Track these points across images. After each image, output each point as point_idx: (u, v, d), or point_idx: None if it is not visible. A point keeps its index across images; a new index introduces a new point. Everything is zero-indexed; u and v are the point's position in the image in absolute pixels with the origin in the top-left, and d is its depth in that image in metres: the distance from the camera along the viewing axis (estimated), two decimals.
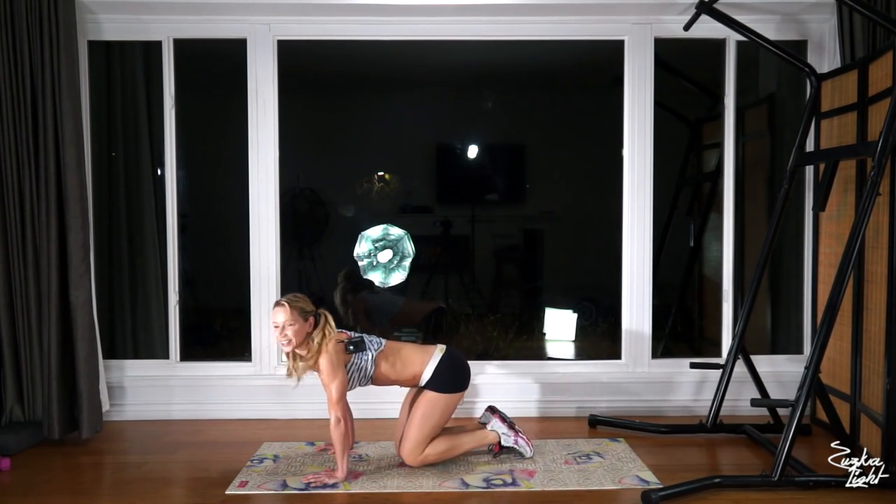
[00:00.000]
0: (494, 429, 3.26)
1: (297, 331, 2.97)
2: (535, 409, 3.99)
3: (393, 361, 3.12)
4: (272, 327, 3.02)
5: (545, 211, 7.22)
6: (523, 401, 3.99)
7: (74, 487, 3.04)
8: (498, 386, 3.99)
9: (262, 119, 3.95)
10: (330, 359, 2.99)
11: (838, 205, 3.59)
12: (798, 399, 2.92)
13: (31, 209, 3.54)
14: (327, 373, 2.99)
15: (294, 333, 2.97)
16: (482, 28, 3.95)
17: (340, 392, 3.00)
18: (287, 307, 2.97)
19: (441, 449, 3.14)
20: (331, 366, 2.98)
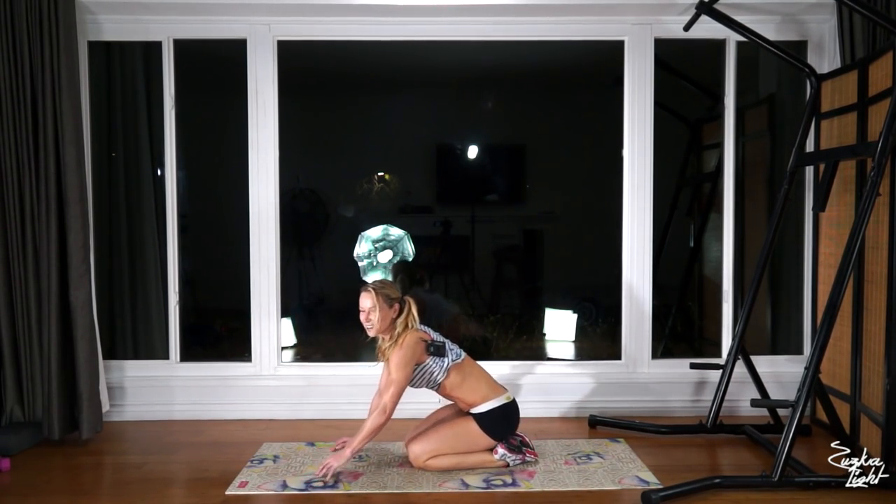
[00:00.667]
0: (503, 458, 3.17)
1: (382, 316, 3.04)
2: (535, 409, 3.99)
3: (462, 379, 3.13)
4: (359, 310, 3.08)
5: (545, 211, 7.22)
6: (523, 401, 3.97)
7: (74, 488, 3.04)
8: None
9: (262, 119, 3.95)
10: (404, 353, 3.02)
11: (838, 205, 3.59)
12: (798, 399, 2.92)
13: (31, 209, 3.54)
14: (396, 365, 3.01)
15: (378, 319, 3.03)
16: (482, 28, 3.96)
17: (400, 387, 3.02)
18: (372, 293, 3.05)
19: (446, 464, 3.13)
20: (403, 360, 3.02)
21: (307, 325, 6.26)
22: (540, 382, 4.01)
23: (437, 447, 3.10)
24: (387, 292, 3.08)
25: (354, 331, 3.32)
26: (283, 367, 4.05)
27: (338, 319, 6.41)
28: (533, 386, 4.01)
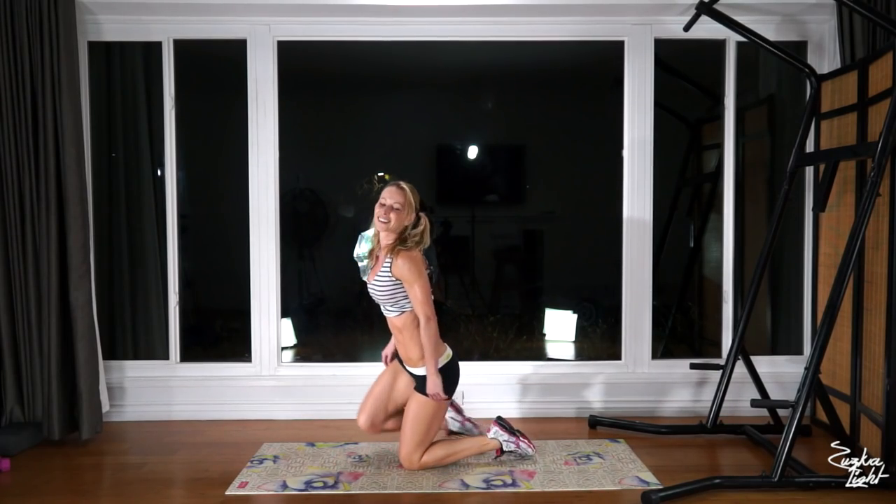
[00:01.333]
0: (496, 437, 3.23)
1: (400, 218, 2.98)
2: (536, 409, 3.99)
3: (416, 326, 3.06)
4: (378, 203, 3.00)
5: (545, 211, 7.22)
6: (523, 401, 3.99)
7: (74, 488, 3.04)
8: (498, 387, 3.99)
9: (262, 119, 3.95)
10: (417, 265, 2.96)
11: (838, 205, 3.59)
12: (798, 400, 2.92)
13: (31, 209, 3.54)
14: (411, 271, 2.94)
15: (396, 218, 2.97)
16: (482, 28, 3.95)
17: (426, 291, 2.99)
18: (406, 191, 3.00)
19: (440, 455, 3.13)
20: (417, 269, 2.96)
21: (307, 325, 6.25)
22: (540, 383, 4.01)
23: (415, 440, 3.07)
24: (416, 198, 3.02)
25: (354, 331, 3.32)
26: (283, 368, 4.05)
27: (338, 319, 6.41)
28: (533, 386, 4.01)
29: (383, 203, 3.00)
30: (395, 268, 2.96)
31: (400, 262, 2.95)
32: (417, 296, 2.96)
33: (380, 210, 3.00)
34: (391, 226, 2.98)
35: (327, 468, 3.18)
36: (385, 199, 3.00)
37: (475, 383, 3.95)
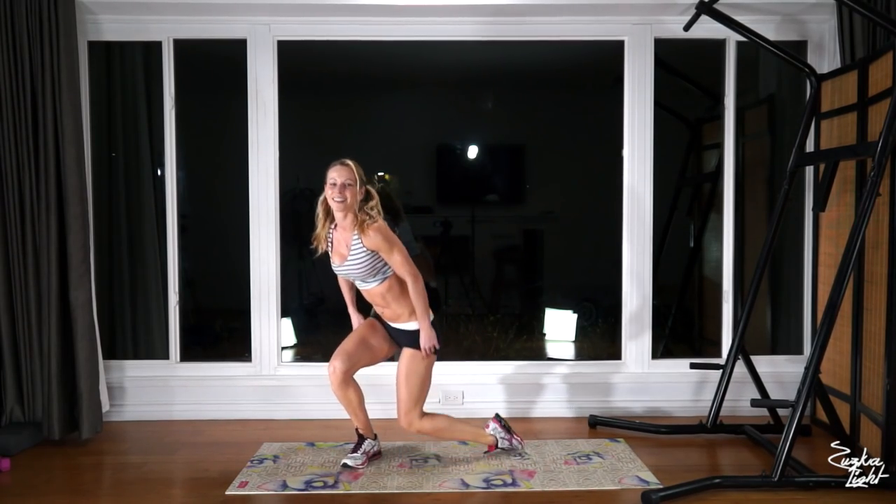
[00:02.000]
0: (493, 433, 3.28)
1: (353, 192, 3.00)
2: (536, 409, 3.99)
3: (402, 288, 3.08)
4: (328, 185, 3.01)
5: (545, 211, 7.22)
6: (523, 401, 3.99)
7: (74, 488, 3.04)
8: (498, 386, 3.99)
9: (262, 119, 3.95)
10: (384, 227, 3.00)
11: (838, 205, 3.59)
12: (798, 399, 2.92)
13: (31, 209, 3.54)
14: (385, 239, 2.98)
15: (350, 194, 2.99)
16: (482, 28, 3.95)
17: (404, 252, 3.02)
18: (352, 166, 3.02)
19: (440, 425, 3.17)
20: (387, 232, 3.01)
21: (307, 325, 6.25)
22: (540, 382, 4.01)
23: (411, 396, 3.08)
24: (361, 171, 3.04)
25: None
26: (283, 367, 4.05)
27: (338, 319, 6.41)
28: (533, 386, 4.01)
29: (334, 183, 3.00)
30: (369, 241, 2.98)
31: (372, 234, 2.97)
32: (399, 260, 3.01)
33: (332, 191, 3.00)
34: (347, 203, 3.00)
35: (327, 468, 3.18)
36: (335, 179, 3.01)
37: (475, 383, 3.96)
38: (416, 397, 3.09)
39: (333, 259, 3.11)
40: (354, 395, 3.16)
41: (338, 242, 3.09)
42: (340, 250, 3.07)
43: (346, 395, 3.14)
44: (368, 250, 3.00)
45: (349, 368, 3.11)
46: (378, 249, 2.99)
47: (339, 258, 3.08)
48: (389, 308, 3.12)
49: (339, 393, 3.13)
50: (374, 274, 3.05)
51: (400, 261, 3.00)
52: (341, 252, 3.06)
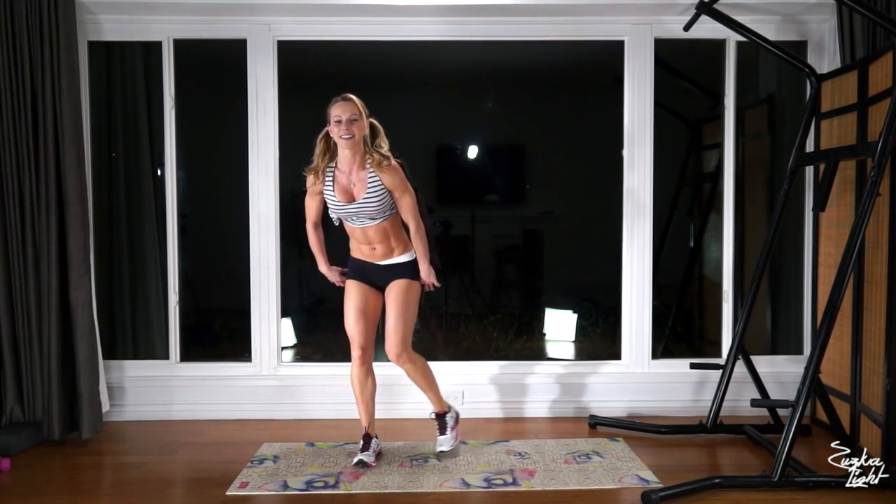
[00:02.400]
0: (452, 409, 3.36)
1: (360, 127, 3.02)
2: (535, 409, 3.99)
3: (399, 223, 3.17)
4: (332, 123, 3.03)
5: (545, 211, 7.21)
6: (523, 401, 3.99)
7: (74, 488, 3.04)
8: (498, 386, 3.99)
9: (262, 119, 3.95)
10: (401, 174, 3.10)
11: (838, 205, 3.59)
12: (798, 399, 2.92)
13: (31, 209, 3.54)
14: (403, 180, 3.08)
15: (357, 129, 3.01)
16: (482, 28, 3.95)
17: (414, 195, 3.12)
18: (355, 100, 3.05)
19: (422, 365, 3.22)
20: (403, 178, 3.09)
21: (307, 325, 6.25)
22: (540, 382, 4.01)
23: (405, 325, 3.12)
24: (363, 105, 3.06)
25: None
26: (283, 367, 4.05)
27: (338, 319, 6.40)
28: (533, 386, 4.00)
29: (339, 120, 3.01)
30: (387, 179, 3.04)
31: (391, 175, 3.05)
32: (410, 203, 3.10)
33: (339, 128, 3.01)
34: (355, 139, 3.01)
35: (328, 468, 3.18)
36: (340, 115, 3.01)
37: (475, 383, 3.96)
38: (406, 328, 3.13)
39: (338, 198, 3.07)
40: (372, 384, 3.23)
41: (344, 180, 3.08)
42: (349, 189, 3.07)
43: (366, 384, 3.20)
44: (385, 188, 3.03)
45: (370, 347, 3.18)
46: (394, 189, 3.06)
47: (346, 196, 3.07)
48: (385, 244, 3.13)
49: (361, 381, 3.18)
50: (384, 211, 3.09)
51: (410, 203, 3.10)
52: (350, 190, 3.06)
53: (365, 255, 3.19)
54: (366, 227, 3.11)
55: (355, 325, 3.17)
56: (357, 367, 3.17)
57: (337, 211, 3.11)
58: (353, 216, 3.10)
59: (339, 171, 3.09)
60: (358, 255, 3.22)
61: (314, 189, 3.15)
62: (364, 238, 3.15)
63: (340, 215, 3.13)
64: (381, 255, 3.16)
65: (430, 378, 3.28)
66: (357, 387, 3.21)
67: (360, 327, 3.17)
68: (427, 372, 3.26)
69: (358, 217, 3.09)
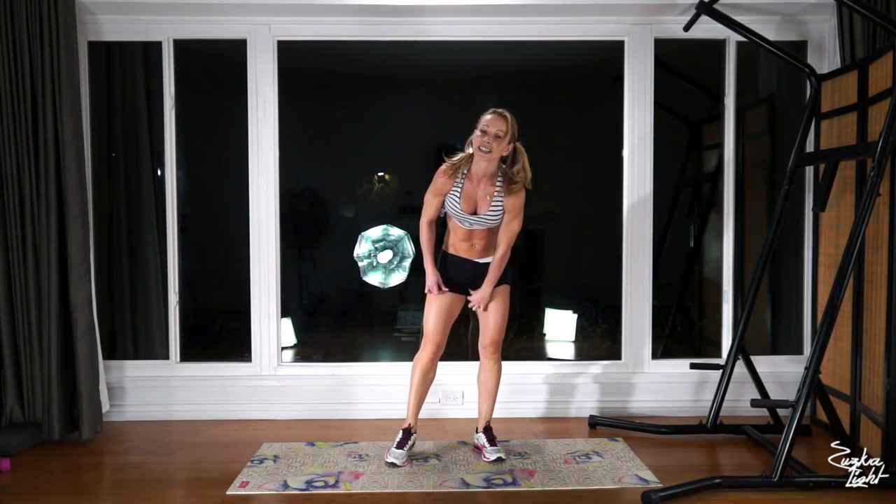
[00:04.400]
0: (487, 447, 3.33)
1: (501, 146, 3.07)
2: (536, 409, 3.99)
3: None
4: (479, 131, 3.08)
5: (545, 211, 7.21)
6: (523, 401, 3.99)
7: (74, 488, 3.04)
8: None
9: (262, 119, 3.95)
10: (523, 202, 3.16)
11: (838, 205, 3.59)
12: (798, 399, 2.92)
13: (31, 209, 3.54)
14: (522, 208, 3.15)
15: (497, 146, 3.05)
16: (482, 28, 3.95)
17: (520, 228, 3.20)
18: (508, 119, 3.09)
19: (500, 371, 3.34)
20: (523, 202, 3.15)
21: (307, 325, 6.26)
22: (540, 382, 4.01)
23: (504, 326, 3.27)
24: (516, 128, 3.11)
25: (355, 331, 3.32)
26: (283, 368, 4.05)
27: (338, 319, 6.41)
28: (533, 386, 4.00)
29: (485, 130, 3.06)
30: (509, 202, 3.11)
31: (515, 199, 3.11)
32: (515, 230, 3.17)
33: (482, 139, 3.06)
34: (493, 154, 3.06)
35: (328, 468, 3.18)
36: (487, 127, 3.07)
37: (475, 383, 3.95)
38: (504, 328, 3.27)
39: (461, 206, 3.13)
40: (433, 378, 3.29)
41: (471, 190, 3.13)
42: (476, 199, 3.13)
43: (429, 375, 3.26)
44: (504, 209, 3.11)
45: (444, 344, 3.25)
46: (510, 211, 3.12)
47: (469, 206, 3.13)
48: (484, 241, 3.19)
49: (426, 372, 3.24)
50: (497, 225, 3.15)
51: (516, 229, 3.16)
52: (475, 202, 3.12)
53: (461, 251, 3.22)
54: (479, 229, 3.17)
55: (436, 325, 3.22)
56: (427, 360, 3.23)
57: (454, 215, 3.16)
58: (467, 223, 3.16)
59: (469, 181, 3.14)
60: (454, 251, 3.25)
61: (442, 188, 3.18)
62: (467, 236, 3.19)
63: (457, 218, 3.17)
64: (479, 252, 3.20)
65: (498, 389, 3.34)
66: (420, 378, 3.24)
67: (440, 328, 3.23)
68: (499, 381, 3.33)
69: (471, 224, 3.16)
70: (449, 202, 3.16)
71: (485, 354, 3.30)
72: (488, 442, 3.27)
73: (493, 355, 3.29)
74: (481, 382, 3.35)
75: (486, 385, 3.33)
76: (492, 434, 3.31)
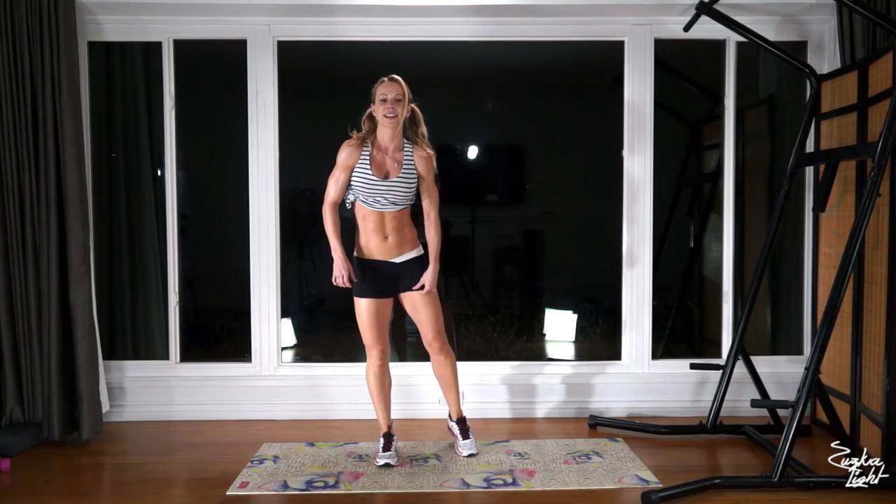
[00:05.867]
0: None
1: (403, 108, 3.10)
2: (536, 409, 3.99)
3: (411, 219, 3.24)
4: (377, 102, 3.10)
5: (545, 211, 7.21)
6: (523, 401, 3.99)
7: (74, 488, 3.04)
8: (498, 387, 3.99)
9: (262, 119, 3.95)
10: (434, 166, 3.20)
11: (838, 206, 3.59)
12: (798, 400, 2.92)
13: (31, 209, 3.54)
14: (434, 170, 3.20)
15: (401, 110, 3.08)
16: (482, 29, 3.95)
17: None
18: (400, 81, 3.12)
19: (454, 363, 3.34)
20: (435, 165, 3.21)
21: (307, 325, 6.25)
22: (540, 383, 4.01)
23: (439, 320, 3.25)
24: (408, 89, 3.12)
25: (355, 331, 3.32)
26: (283, 368, 4.05)
27: (338, 320, 6.41)
28: (533, 386, 4.00)
29: (384, 98, 3.08)
30: (421, 162, 3.15)
31: (427, 162, 3.16)
32: (436, 196, 3.19)
33: (384, 107, 3.08)
34: (398, 118, 3.09)
35: (328, 468, 3.18)
36: (385, 94, 3.09)
37: (475, 383, 3.95)
38: (442, 319, 3.26)
39: (373, 172, 3.11)
40: (389, 382, 3.31)
41: (381, 158, 3.14)
42: (386, 167, 3.13)
43: (384, 381, 3.28)
44: (416, 172, 3.12)
45: (387, 346, 3.26)
46: (426, 175, 3.14)
47: (381, 173, 3.12)
48: (397, 234, 3.15)
49: (380, 379, 3.26)
50: (409, 198, 3.16)
51: (436, 195, 3.21)
52: (386, 169, 3.13)
53: (375, 252, 3.17)
54: (385, 213, 3.13)
55: (371, 331, 3.21)
56: (377, 367, 3.24)
57: (365, 188, 3.11)
58: (380, 196, 3.10)
59: (377, 150, 3.15)
60: (367, 255, 3.20)
61: (347, 161, 3.16)
62: (378, 225, 3.14)
63: (366, 194, 3.12)
64: (393, 247, 3.16)
65: (457, 377, 3.35)
66: (376, 385, 3.26)
67: (377, 333, 3.22)
68: (456, 370, 3.34)
69: (384, 198, 3.10)
70: (358, 177, 3.12)
71: (431, 352, 3.29)
72: (461, 434, 3.31)
73: (439, 352, 3.27)
74: (438, 377, 3.35)
75: (443, 377, 3.33)
76: (465, 426, 3.33)
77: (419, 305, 3.21)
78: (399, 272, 3.19)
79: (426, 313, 3.22)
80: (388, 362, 3.29)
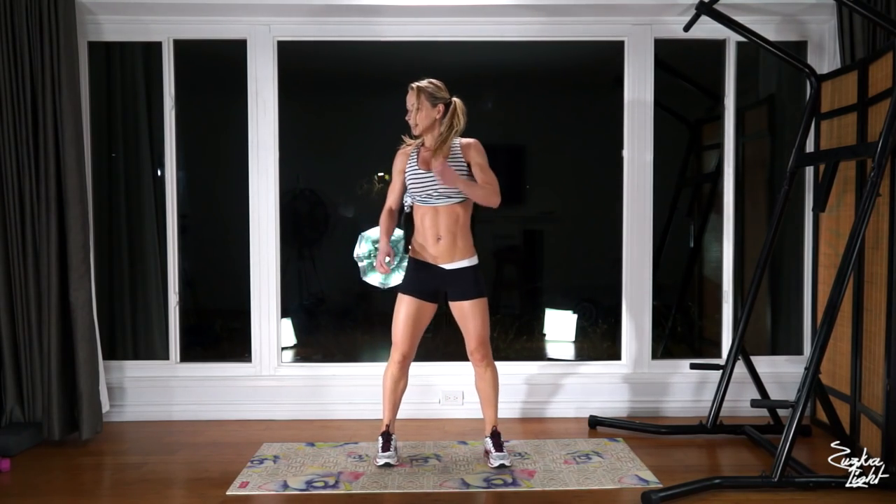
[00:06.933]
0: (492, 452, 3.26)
1: (425, 115, 3.10)
2: (535, 409, 3.99)
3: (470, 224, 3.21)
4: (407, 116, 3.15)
5: (545, 211, 7.21)
6: (524, 401, 3.99)
7: (74, 488, 3.04)
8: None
9: (262, 119, 3.95)
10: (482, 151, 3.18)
11: (838, 205, 3.59)
12: (798, 400, 2.92)
13: (31, 209, 3.54)
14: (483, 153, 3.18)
15: (421, 116, 3.09)
16: (482, 29, 3.96)
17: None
18: (415, 91, 3.13)
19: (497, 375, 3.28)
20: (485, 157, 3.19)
21: (307, 325, 6.25)
22: (540, 383, 4.01)
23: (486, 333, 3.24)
24: (431, 91, 3.13)
25: (354, 331, 3.32)
26: (283, 368, 4.05)
27: (338, 320, 6.41)
28: (533, 386, 4.01)
29: (409, 110, 3.14)
30: (467, 150, 3.15)
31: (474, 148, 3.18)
32: (492, 176, 3.14)
33: (408, 120, 3.15)
34: (421, 126, 3.12)
35: (328, 468, 3.18)
36: (407, 107, 3.15)
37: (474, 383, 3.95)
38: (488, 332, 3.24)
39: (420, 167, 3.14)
40: (405, 385, 3.27)
41: (427, 156, 3.17)
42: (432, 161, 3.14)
43: (399, 384, 3.24)
44: (464, 161, 3.13)
45: (412, 354, 3.22)
46: (473, 159, 3.14)
47: (427, 167, 3.14)
48: (450, 236, 3.13)
49: (396, 381, 3.22)
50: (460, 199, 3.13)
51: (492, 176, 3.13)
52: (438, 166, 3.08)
53: (426, 252, 3.17)
54: (439, 209, 3.11)
55: (403, 333, 3.19)
56: (395, 369, 3.21)
57: (414, 183, 3.13)
58: (430, 189, 3.10)
59: (425, 150, 3.19)
60: (420, 255, 3.20)
61: (397, 167, 3.23)
62: (433, 222, 3.13)
63: (417, 190, 3.13)
64: (444, 251, 3.14)
65: (497, 393, 3.28)
66: (390, 387, 3.24)
67: (407, 337, 3.19)
68: (497, 386, 3.28)
69: (434, 190, 3.10)
70: (408, 175, 3.16)
71: (473, 362, 3.25)
72: (494, 447, 3.23)
73: (481, 362, 3.23)
74: (478, 390, 3.31)
75: (484, 392, 3.28)
76: (499, 440, 3.24)
77: (468, 314, 3.20)
78: (449, 280, 3.17)
79: (473, 323, 3.21)
80: (408, 368, 3.24)
